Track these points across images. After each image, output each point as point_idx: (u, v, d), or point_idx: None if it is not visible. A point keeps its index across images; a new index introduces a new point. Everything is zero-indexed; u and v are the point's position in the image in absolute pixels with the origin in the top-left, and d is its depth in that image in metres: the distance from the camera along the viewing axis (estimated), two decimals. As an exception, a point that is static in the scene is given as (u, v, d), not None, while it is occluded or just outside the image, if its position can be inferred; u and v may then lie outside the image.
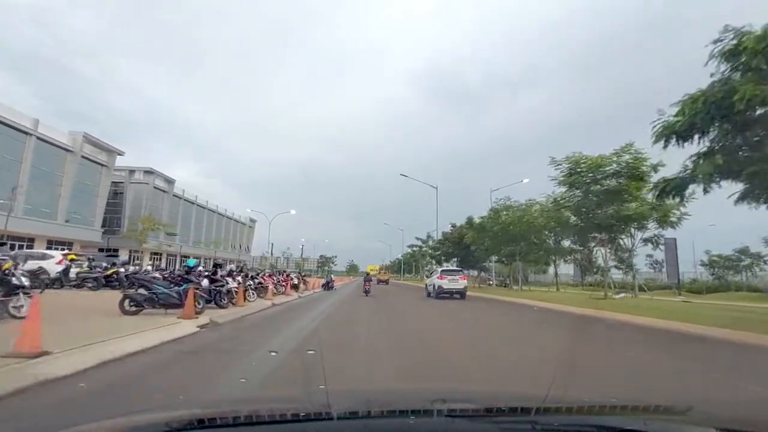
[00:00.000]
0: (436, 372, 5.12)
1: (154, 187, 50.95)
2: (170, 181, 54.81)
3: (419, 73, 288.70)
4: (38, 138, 33.23)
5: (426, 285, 25.61)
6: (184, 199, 59.60)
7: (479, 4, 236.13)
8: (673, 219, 16.72)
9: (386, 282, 46.83)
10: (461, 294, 20.60)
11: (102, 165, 41.60)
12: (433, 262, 50.43)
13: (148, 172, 50.06)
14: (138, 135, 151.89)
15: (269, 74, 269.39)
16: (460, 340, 7.99)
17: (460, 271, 24.13)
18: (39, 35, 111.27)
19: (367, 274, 30.08)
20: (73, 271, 17.24)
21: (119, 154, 43.70)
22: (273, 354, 5.68)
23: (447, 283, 20.62)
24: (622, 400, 1.63)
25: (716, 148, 9.12)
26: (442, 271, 23.01)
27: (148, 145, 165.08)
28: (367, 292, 22.51)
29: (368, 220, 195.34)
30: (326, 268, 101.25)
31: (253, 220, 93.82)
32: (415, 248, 56.46)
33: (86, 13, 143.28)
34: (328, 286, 29.67)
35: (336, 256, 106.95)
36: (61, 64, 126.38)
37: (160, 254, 53.68)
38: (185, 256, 66.30)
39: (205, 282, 10.41)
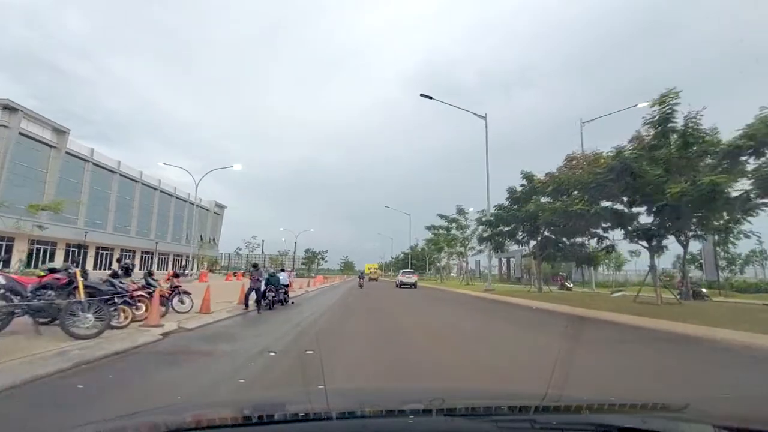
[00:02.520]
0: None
1: (21, 134, 31.87)
2: (61, 131, 35.70)
3: (415, 74, 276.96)
4: None
5: (396, 280, 37.33)
6: (93, 163, 40.53)
7: (476, 4, 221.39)
8: None
9: (376, 279, 56.98)
10: (414, 285, 32.19)
11: None
12: (473, 249, 32.51)
13: (9, 108, 30.93)
14: (134, 136, 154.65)
15: (265, 76, 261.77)
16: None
17: (413, 272, 38.01)
18: (32, 35, 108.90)
19: (362, 272, 41.64)
20: None
21: None
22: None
23: (405, 279, 32.60)
24: (620, 398, 1.67)
25: None
26: (402, 272, 36.21)
27: (142, 145, 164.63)
28: (361, 285, 28.61)
29: (367, 221, 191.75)
30: (279, 264, 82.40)
31: (220, 206, 74.92)
32: (436, 231, 38.03)
33: (81, 14, 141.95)
34: (263, 298, 11.33)
35: (327, 251, 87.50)
36: (54, 65, 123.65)
37: (35, 244, 34.40)
38: (105, 248, 47.65)
39: None
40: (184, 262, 60.37)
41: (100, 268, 44.54)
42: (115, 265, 8.09)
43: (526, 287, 27.53)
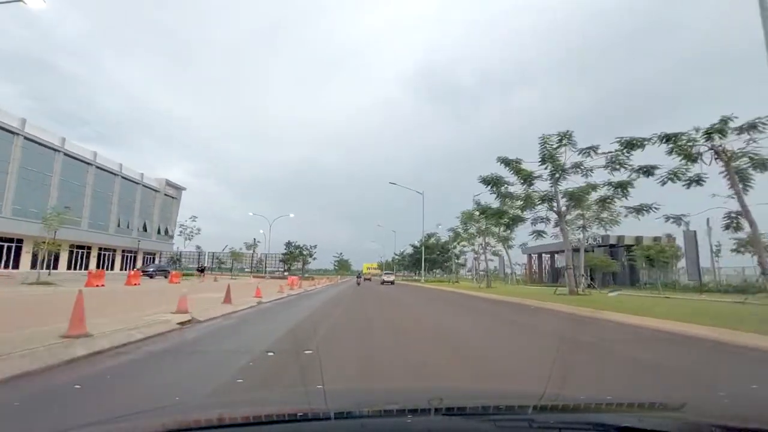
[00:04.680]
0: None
1: None
2: None
3: (414, 74, 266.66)
4: None
5: (381, 278, 48.63)
6: None
7: (473, 3, 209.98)
8: None
9: (369, 279, 59.09)
10: (392, 282, 44.20)
11: None
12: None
13: None
14: (129, 135, 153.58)
15: (263, 75, 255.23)
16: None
17: (392, 273, 54.06)
18: (26, 34, 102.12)
19: (360, 272, 53.59)
20: None
21: None
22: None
23: (386, 278, 45.33)
24: (619, 397, 1.71)
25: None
26: (384, 273, 51.72)
27: (140, 145, 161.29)
28: (359, 284, 37.15)
29: (367, 220, 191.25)
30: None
31: (176, 187, 58.17)
32: (502, 188, 20.27)
33: (77, 13, 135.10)
34: None
35: (315, 246, 70.00)
36: (50, 65, 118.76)
37: None
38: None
39: None
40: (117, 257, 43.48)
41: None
42: None
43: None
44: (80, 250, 41.11)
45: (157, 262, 43.71)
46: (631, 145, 14.53)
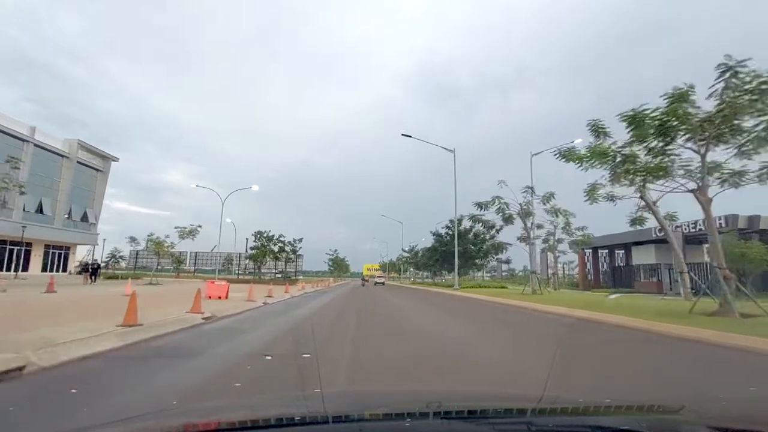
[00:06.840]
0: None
1: None
2: None
3: (414, 74, 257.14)
4: None
5: (374, 280, 62.95)
6: None
7: (472, 3, 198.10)
8: None
9: (366, 281, 66.25)
10: (383, 283, 56.60)
11: None
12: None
13: None
14: (129, 137, 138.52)
15: (261, 77, 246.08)
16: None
17: (384, 276, 71.14)
18: (26, 37, 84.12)
19: (363, 275, 71.62)
20: None
21: None
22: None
23: (377, 279, 61.77)
24: (617, 400, 1.70)
25: None
26: (377, 276, 66.19)
27: (139, 148, 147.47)
28: (363, 284, 46.53)
29: (367, 220, 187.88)
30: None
31: (100, 155, 41.99)
32: None
33: (75, 15, 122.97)
34: None
35: (302, 239, 53.04)
36: (49, 67, 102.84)
37: None
38: None
39: None
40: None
41: None
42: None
43: None
44: None
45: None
46: None
